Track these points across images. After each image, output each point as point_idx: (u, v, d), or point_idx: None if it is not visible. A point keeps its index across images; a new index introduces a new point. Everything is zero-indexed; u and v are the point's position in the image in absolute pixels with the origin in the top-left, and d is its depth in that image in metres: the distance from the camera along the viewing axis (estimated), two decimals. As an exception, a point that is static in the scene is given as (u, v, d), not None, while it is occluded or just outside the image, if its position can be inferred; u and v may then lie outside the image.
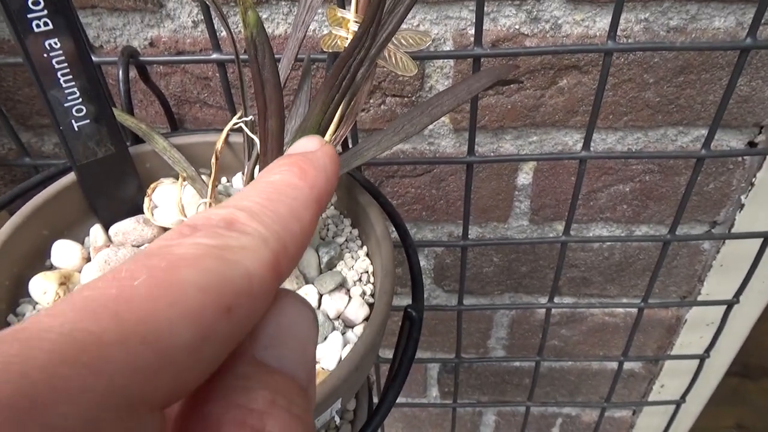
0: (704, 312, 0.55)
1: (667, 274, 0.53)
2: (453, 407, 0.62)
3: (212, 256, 0.10)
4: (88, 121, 0.27)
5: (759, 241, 0.44)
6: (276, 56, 0.21)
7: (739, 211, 0.47)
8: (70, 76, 0.26)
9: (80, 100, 0.26)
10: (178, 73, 0.42)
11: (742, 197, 0.46)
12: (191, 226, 0.11)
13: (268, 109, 0.20)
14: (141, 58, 0.35)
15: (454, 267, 0.53)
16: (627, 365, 0.62)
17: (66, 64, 0.25)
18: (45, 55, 0.25)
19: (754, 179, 0.45)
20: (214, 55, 0.35)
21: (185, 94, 0.43)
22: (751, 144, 0.44)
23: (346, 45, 0.25)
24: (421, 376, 0.66)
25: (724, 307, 0.50)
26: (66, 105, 0.26)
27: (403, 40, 0.27)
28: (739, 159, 0.44)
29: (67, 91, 0.26)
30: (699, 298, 0.53)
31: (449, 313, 0.56)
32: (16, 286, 0.25)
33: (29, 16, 0.24)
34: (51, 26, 0.24)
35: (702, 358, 0.55)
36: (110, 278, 0.10)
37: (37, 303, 0.25)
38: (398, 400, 0.57)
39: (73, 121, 0.26)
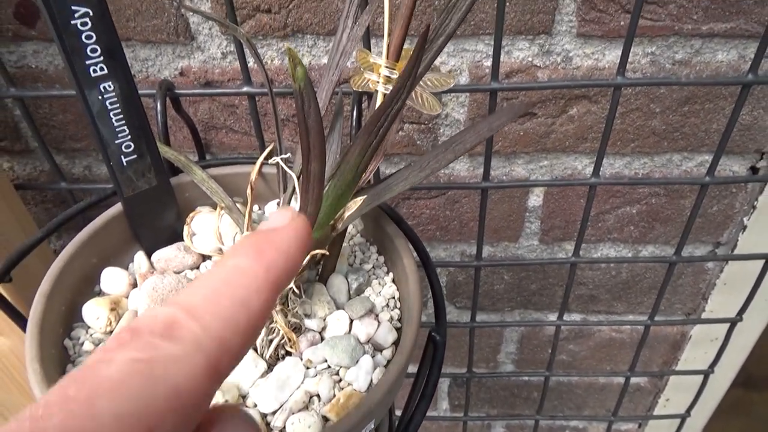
0: (708, 329, 0.56)
1: (673, 291, 0.55)
2: (464, 420, 0.63)
3: (139, 374, 0.11)
4: (135, 156, 0.29)
5: (761, 262, 0.46)
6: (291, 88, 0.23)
7: (742, 233, 0.49)
8: (121, 116, 0.28)
9: (129, 137, 0.28)
10: (207, 101, 0.44)
11: (745, 219, 0.48)
12: (132, 331, 0.12)
13: (311, 153, 0.22)
14: (177, 91, 0.37)
15: (466, 284, 0.55)
16: (633, 380, 0.63)
17: (118, 105, 0.27)
18: (100, 97, 0.27)
19: (756, 202, 0.47)
20: (246, 88, 0.37)
21: (212, 121, 0.45)
22: (753, 169, 0.46)
23: (377, 88, 0.27)
24: (431, 389, 0.67)
25: (728, 324, 0.51)
26: (117, 142, 0.28)
27: (429, 82, 0.29)
28: (743, 183, 0.46)
29: (117, 130, 0.28)
30: (703, 316, 0.55)
31: (461, 329, 0.58)
32: (70, 311, 0.27)
33: (87, 62, 0.26)
34: (106, 71, 0.26)
35: (706, 374, 0.56)
36: (27, 418, 0.10)
37: (89, 327, 0.27)
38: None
39: (122, 157, 0.28)
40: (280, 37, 0.40)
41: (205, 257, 0.31)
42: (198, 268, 0.31)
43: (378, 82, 0.27)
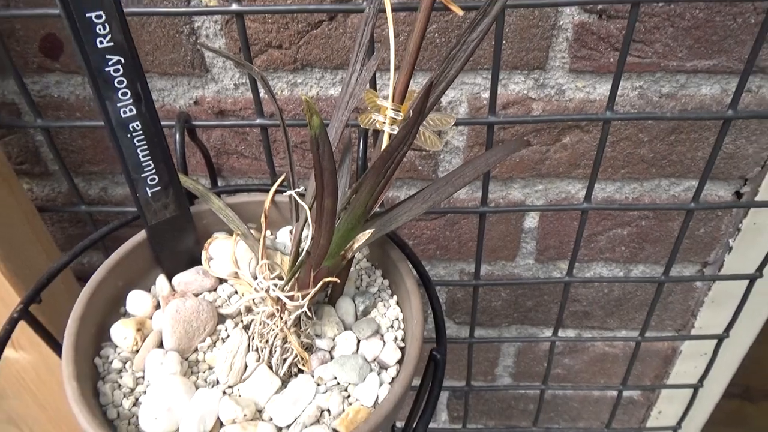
0: (698, 344, 0.58)
1: (663, 308, 0.57)
2: (462, 432, 0.65)
3: None
4: (159, 188, 0.31)
5: (746, 282, 0.48)
6: (301, 120, 0.25)
7: (728, 253, 0.51)
8: (147, 152, 0.30)
9: (153, 170, 0.31)
10: (219, 128, 0.46)
11: (731, 241, 0.51)
12: None
13: (325, 191, 0.25)
14: (194, 123, 0.39)
15: (465, 301, 0.57)
16: (626, 393, 0.66)
17: (144, 142, 0.30)
18: (128, 135, 0.29)
19: (740, 225, 0.49)
20: (258, 120, 0.39)
21: (224, 146, 0.47)
22: (738, 194, 0.48)
23: (384, 128, 0.30)
24: (431, 402, 0.69)
25: (716, 340, 0.54)
26: (142, 176, 0.30)
27: (431, 121, 0.31)
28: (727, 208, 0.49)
29: (144, 164, 0.30)
30: (692, 332, 0.57)
31: (460, 344, 0.60)
32: (100, 332, 0.29)
33: (119, 105, 0.28)
34: (134, 112, 0.29)
35: (696, 387, 0.58)
36: None
37: (117, 346, 0.29)
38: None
39: (147, 189, 0.31)
40: (290, 70, 0.42)
41: (221, 280, 0.33)
42: (215, 290, 0.33)
43: (384, 122, 0.29)
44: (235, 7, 0.34)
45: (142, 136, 0.29)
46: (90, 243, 0.35)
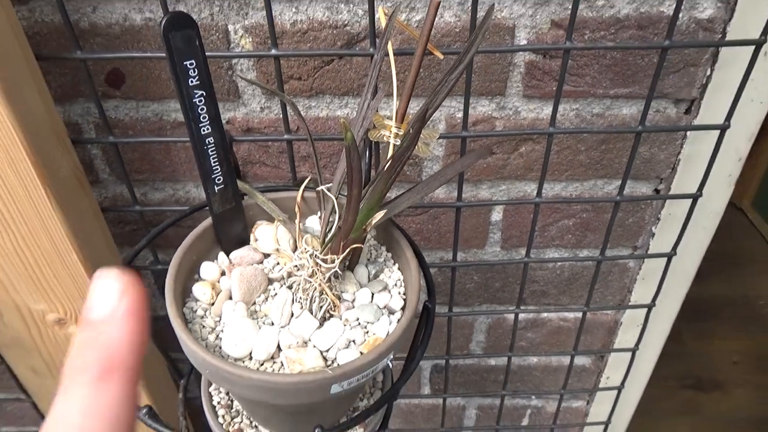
0: (634, 316, 0.71)
1: (605, 286, 0.70)
2: (443, 398, 0.77)
3: None
4: (223, 186, 0.42)
5: (665, 260, 0.61)
6: (320, 136, 0.36)
7: (652, 238, 0.64)
8: (216, 160, 0.41)
9: (220, 173, 0.42)
10: (246, 142, 0.57)
11: (653, 228, 0.64)
12: None
13: (353, 183, 0.36)
14: (236, 138, 0.51)
15: (444, 284, 0.69)
16: (579, 361, 0.78)
17: (215, 152, 0.41)
18: (205, 147, 0.40)
19: (659, 215, 0.62)
20: (286, 136, 0.51)
21: (250, 157, 0.58)
22: (656, 190, 0.61)
23: (389, 140, 0.42)
24: (416, 376, 0.81)
25: (646, 309, 0.66)
26: (212, 177, 0.41)
27: (422, 135, 0.43)
28: (649, 201, 0.62)
29: (213, 169, 0.41)
30: (629, 304, 0.70)
31: (440, 322, 0.72)
32: (182, 292, 0.40)
33: (200, 125, 0.39)
34: (210, 130, 0.40)
35: (633, 351, 0.71)
36: None
37: (198, 300, 0.40)
38: (398, 398, 0.72)
39: (215, 187, 0.42)
40: (307, 96, 0.54)
41: (266, 255, 0.44)
42: (261, 263, 0.44)
43: (389, 136, 0.41)
44: (273, 51, 0.45)
45: (214, 148, 0.41)
46: (161, 230, 0.46)
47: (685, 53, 0.50)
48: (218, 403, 0.47)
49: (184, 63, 0.37)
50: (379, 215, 0.39)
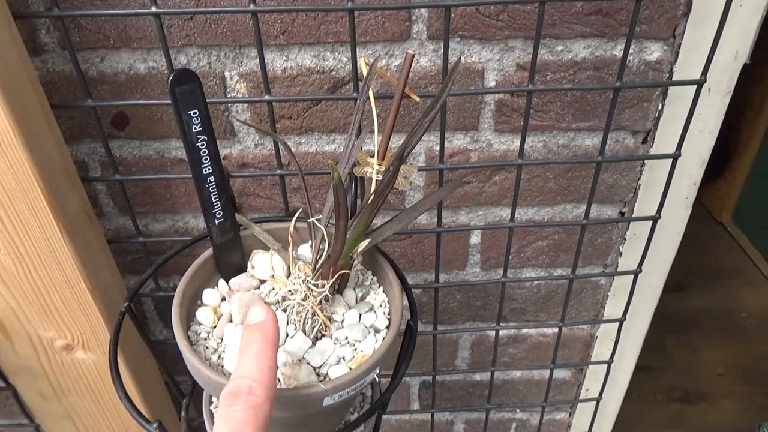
0: (608, 329, 0.76)
1: (579, 303, 0.75)
2: (432, 413, 0.81)
3: (250, 412, 0.29)
4: (222, 219, 0.47)
5: (632, 277, 0.66)
6: (310, 170, 0.41)
7: (620, 257, 0.69)
8: (216, 195, 0.45)
9: (220, 207, 0.46)
10: (242, 177, 0.62)
11: (620, 248, 0.69)
12: (234, 395, 0.29)
13: (340, 215, 0.41)
14: (233, 174, 0.55)
15: (429, 304, 0.74)
16: (559, 374, 0.82)
17: (215, 189, 0.45)
18: (206, 185, 0.45)
19: (625, 235, 0.67)
20: (278, 171, 0.55)
21: (245, 190, 0.63)
22: (621, 213, 0.67)
23: (372, 176, 0.46)
24: (405, 393, 0.85)
25: (618, 323, 0.71)
26: (213, 211, 0.46)
27: (401, 170, 0.48)
28: (614, 223, 0.67)
29: (214, 203, 0.46)
30: (602, 319, 0.75)
31: (425, 340, 0.76)
32: (187, 316, 0.44)
33: (202, 166, 0.44)
34: (211, 170, 0.44)
35: (609, 363, 0.76)
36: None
37: (201, 324, 0.44)
38: (387, 413, 0.76)
39: (215, 220, 0.46)
40: (297, 133, 0.59)
41: (262, 281, 0.49)
42: (258, 288, 0.48)
43: (372, 172, 0.46)
44: (267, 97, 0.50)
45: (215, 186, 0.45)
46: (166, 259, 0.50)
47: (638, 91, 0.56)
48: (219, 419, 0.51)
49: (188, 112, 0.42)
50: (364, 243, 0.43)
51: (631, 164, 0.62)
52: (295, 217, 0.49)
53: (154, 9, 0.45)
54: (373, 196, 0.42)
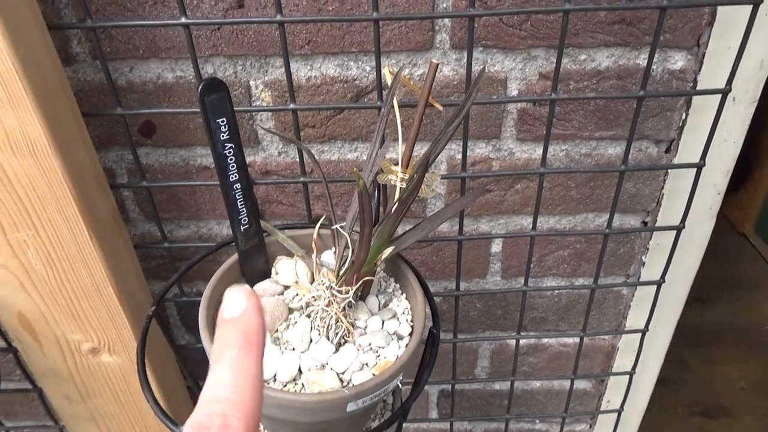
0: (631, 340, 0.75)
1: (601, 313, 0.74)
2: (450, 422, 0.80)
3: None
4: (247, 225, 0.47)
5: (655, 287, 0.65)
6: (332, 178, 0.41)
7: (642, 267, 0.69)
8: (242, 202, 0.46)
9: (246, 214, 0.47)
10: (266, 184, 0.63)
11: (643, 257, 0.68)
12: (201, 429, 0.19)
13: (365, 222, 0.41)
14: (256, 181, 0.56)
15: (449, 312, 0.74)
16: (580, 385, 0.82)
17: (241, 196, 0.46)
18: (233, 192, 0.45)
19: (648, 245, 0.67)
20: (302, 178, 0.56)
21: (268, 197, 0.64)
22: (644, 223, 0.66)
23: (396, 184, 0.47)
24: (424, 401, 0.85)
25: (640, 334, 0.70)
26: (239, 218, 0.46)
27: (425, 178, 0.48)
28: (637, 232, 0.66)
29: (240, 210, 0.46)
30: (624, 330, 0.74)
31: (445, 348, 0.76)
32: (213, 320, 0.45)
33: (229, 173, 0.44)
34: (237, 177, 0.45)
35: (630, 374, 0.75)
36: None
37: (226, 329, 0.45)
38: (407, 421, 0.76)
39: (241, 226, 0.47)
40: (320, 142, 0.60)
41: (286, 287, 0.49)
42: (282, 294, 0.49)
43: (396, 180, 0.46)
44: (291, 105, 0.51)
45: (241, 193, 0.46)
46: (192, 264, 0.51)
47: (661, 100, 0.56)
48: (242, 424, 0.51)
49: (217, 120, 0.42)
50: (388, 251, 0.44)
51: (654, 173, 0.61)
52: (318, 224, 0.50)
53: (183, 20, 0.46)
54: (397, 204, 0.42)
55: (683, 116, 0.57)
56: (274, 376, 0.42)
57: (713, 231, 0.66)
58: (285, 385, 0.42)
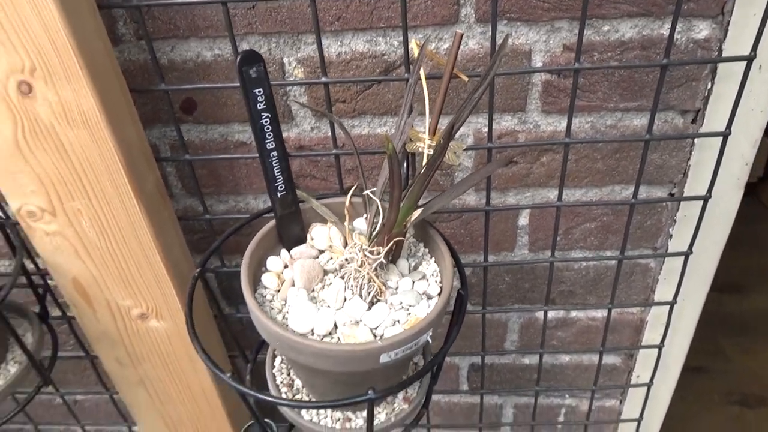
0: (659, 314, 0.76)
1: (629, 287, 0.75)
2: (480, 394, 0.82)
3: None
4: (284, 192, 0.50)
5: (682, 258, 0.66)
6: (364, 150, 0.44)
7: (670, 239, 0.69)
8: (279, 170, 0.49)
9: (282, 181, 0.50)
10: (299, 159, 0.66)
11: (671, 230, 0.69)
12: None
13: (395, 185, 0.43)
14: (290, 155, 0.59)
15: (478, 285, 0.75)
16: (609, 360, 0.83)
17: (277, 164, 0.49)
18: (269, 159, 0.48)
19: (675, 217, 0.67)
20: (334, 151, 0.59)
21: (301, 171, 0.67)
22: (671, 194, 0.67)
23: (423, 151, 0.49)
24: (454, 375, 0.87)
25: (668, 306, 0.71)
26: (275, 185, 0.49)
27: (451, 146, 0.50)
28: (664, 204, 0.67)
29: (276, 177, 0.49)
30: (652, 302, 0.75)
31: (475, 320, 0.78)
32: (254, 280, 0.48)
33: (266, 141, 0.47)
34: (274, 145, 0.48)
35: (660, 348, 0.76)
36: None
37: (266, 287, 0.48)
38: (436, 394, 0.78)
39: (278, 193, 0.50)
40: (350, 116, 0.62)
41: (321, 251, 0.52)
42: (317, 257, 0.51)
43: (423, 147, 0.49)
44: (324, 79, 0.54)
45: (277, 161, 0.49)
46: (231, 233, 0.54)
47: (686, 69, 0.56)
48: (281, 382, 0.55)
49: (254, 91, 0.45)
50: (417, 212, 0.46)
51: (680, 144, 0.62)
52: (351, 191, 0.52)
53: (222, -1, 0.49)
54: (425, 167, 0.44)
55: (708, 86, 0.57)
56: (312, 330, 0.45)
57: (750, 219, 0.66)
58: (322, 338, 0.44)
